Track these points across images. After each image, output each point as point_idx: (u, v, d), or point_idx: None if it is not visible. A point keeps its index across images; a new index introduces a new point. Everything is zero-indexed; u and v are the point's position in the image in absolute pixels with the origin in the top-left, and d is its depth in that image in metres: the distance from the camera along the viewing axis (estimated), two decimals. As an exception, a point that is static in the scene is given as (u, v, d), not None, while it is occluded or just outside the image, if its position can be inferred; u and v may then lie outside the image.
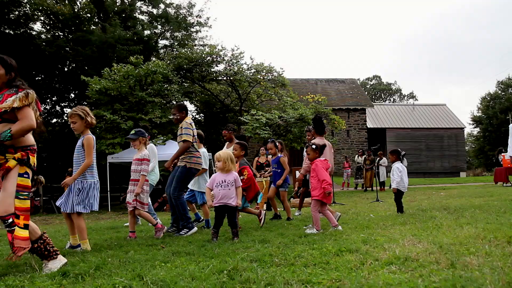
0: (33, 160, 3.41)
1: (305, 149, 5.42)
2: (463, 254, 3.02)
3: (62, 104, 28.63)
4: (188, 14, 27.69)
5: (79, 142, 4.66)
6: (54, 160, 24.84)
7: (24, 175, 3.30)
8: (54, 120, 28.84)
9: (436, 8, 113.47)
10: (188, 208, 6.24)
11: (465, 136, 37.90)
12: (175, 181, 5.75)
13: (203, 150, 6.88)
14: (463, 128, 33.09)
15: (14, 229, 3.12)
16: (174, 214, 5.99)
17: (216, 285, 2.52)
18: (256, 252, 3.57)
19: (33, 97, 3.35)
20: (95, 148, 4.71)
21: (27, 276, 3.06)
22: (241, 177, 5.54)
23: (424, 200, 10.26)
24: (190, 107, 29.73)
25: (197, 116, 27.86)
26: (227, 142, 7.61)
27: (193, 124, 5.93)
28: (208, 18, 28.15)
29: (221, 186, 4.75)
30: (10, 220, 3.11)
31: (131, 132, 5.77)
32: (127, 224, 6.65)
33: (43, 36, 26.17)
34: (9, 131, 3.16)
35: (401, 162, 6.89)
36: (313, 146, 5.40)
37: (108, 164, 15.82)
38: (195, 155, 5.82)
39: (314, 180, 5.20)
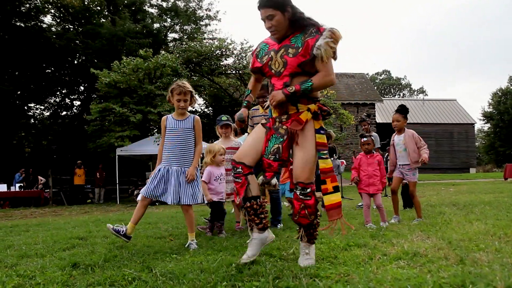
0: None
1: (361, 140, 5.27)
2: (472, 250, 3.00)
3: (72, 97, 28.84)
4: (198, 8, 27.70)
5: (187, 124, 4.00)
6: (63, 153, 25.03)
7: (321, 131, 2.83)
8: (64, 112, 29.05)
9: (448, 3, 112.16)
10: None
11: (475, 132, 37.56)
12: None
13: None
14: (474, 123, 32.81)
15: (311, 197, 2.78)
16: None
17: (225, 278, 2.53)
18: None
19: (339, 35, 2.74)
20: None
21: (38, 266, 3.10)
22: None
23: (433, 196, 10.20)
24: (199, 100, 29.77)
25: (205, 110, 27.89)
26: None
27: None
28: (217, 12, 28.21)
29: (219, 179, 4.75)
30: (309, 190, 2.77)
31: (224, 118, 5.31)
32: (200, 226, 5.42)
33: (53, 29, 26.35)
34: (311, 83, 2.71)
35: None
36: (372, 137, 5.33)
37: (117, 156, 15.92)
38: None
39: (375, 173, 5.12)
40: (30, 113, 28.13)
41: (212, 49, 20.21)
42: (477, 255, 2.79)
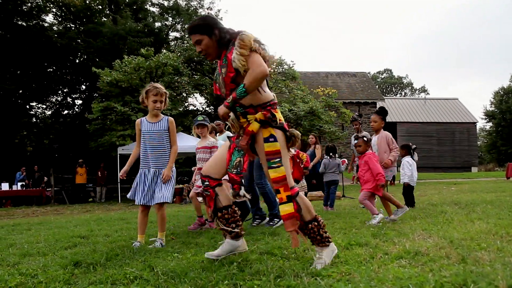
0: (279, 116, 2.87)
1: (353, 140, 5.34)
2: (474, 249, 2.99)
3: (74, 96, 28.86)
4: (199, 6, 27.70)
5: (161, 126, 4.08)
6: (65, 151, 25.06)
7: (270, 139, 2.77)
8: (66, 111, 29.07)
9: (448, 3, 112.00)
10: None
11: (477, 130, 37.48)
12: (256, 169, 5.26)
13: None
14: (475, 122, 32.74)
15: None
16: (253, 206, 5.57)
17: (226, 277, 2.54)
18: (266, 244, 3.58)
19: (250, 38, 2.74)
20: None
21: (40, 265, 3.11)
22: None
23: (435, 195, 10.19)
24: (201, 99, 29.77)
25: (207, 109, 27.90)
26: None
27: None
28: (219, 10, 28.18)
29: None
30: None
31: (200, 118, 5.38)
32: None
33: (55, 28, 26.38)
34: (242, 85, 2.66)
35: (411, 156, 6.84)
36: (365, 139, 5.32)
37: (118, 155, 15.94)
38: None
39: (367, 174, 5.13)
40: (31, 112, 28.19)
41: (214, 48, 20.19)
42: (479, 254, 2.78)
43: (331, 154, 7.45)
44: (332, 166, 7.45)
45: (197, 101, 42.72)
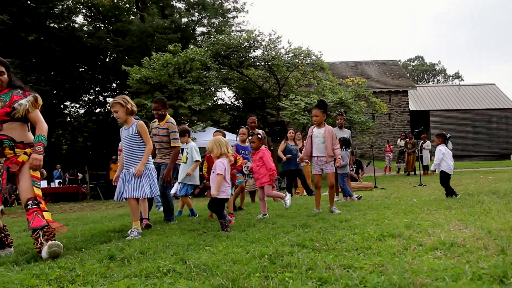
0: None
1: (249, 137, 5.62)
2: (514, 240, 2.89)
3: (105, 94, 29.50)
4: (225, 0, 27.69)
5: (131, 130, 4.63)
6: (98, 149, 25.72)
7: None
8: (98, 110, 29.79)
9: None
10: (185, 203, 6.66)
11: (516, 116, 36.03)
12: (159, 181, 5.44)
13: (192, 144, 6.81)
14: (515, 108, 31.43)
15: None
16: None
17: (258, 269, 2.54)
18: (297, 237, 3.57)
19: (41, 101, 3.75)
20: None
21: (78, 259, 3.20)
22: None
23: (471, 184, 9.90)
24: (229, 93, 29.88)
25: (235, 102, 27.98)
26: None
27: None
28: (244, 3, 28.08)
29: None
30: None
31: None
32: None
33: (85, 28, 26.99)
34: (42, 136, 3.66)
35: (446, 145, 6.69)
36: (259, 136, 5.69)
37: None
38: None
39: (262, 169, 5.59)
40: (66, 111, 29.02)
41: (240, 41, 20.18)
42: (519, 245, 2.68)
43: (343, 147, 7.51)
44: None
45: (225, 95, 42.98)
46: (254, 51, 21.16)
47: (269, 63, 20.59)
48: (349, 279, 2.24)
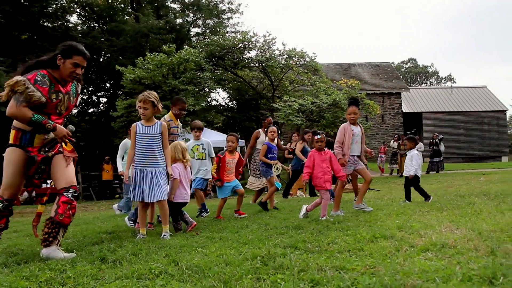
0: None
1: (314, 137, 5.45)
2: (504, 241, 2.91)
3: (98, 94, 29.40)
4: (220, 1, 27.71)
5: (155, 129, 4.48)
6: (91, 149, 25.61)
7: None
8: (91, 109, 29.66)
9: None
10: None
11: (507, 119, 36.32)
12: None
13: (208, 140, 7.03)
14: (505, 110, 31.68)
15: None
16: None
17: (250, 271, 2.54)
18: (290, 238, 3.58)
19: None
20: None
21: (69, 260, 3.18)
22: None
23: (463, 186, 9.96)
24: (223, 94, 29.87)
25: (229, 103, 27.97)
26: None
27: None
28: (239, 5, 28.10)
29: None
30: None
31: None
32: None
33: (79, 27, 26.87)
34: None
35: (417, 150, 7.01)
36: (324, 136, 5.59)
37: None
38: None
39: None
40: (58, 111, 28.87)
41: (235, 42, 20.20)
42: (508, 246, 2.71)
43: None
44: None
45: (219, 96, 42.95)
46: (249, 52, 21.20)
47: (263, 64, 20.63)
48: (341, 280, 2.25)
